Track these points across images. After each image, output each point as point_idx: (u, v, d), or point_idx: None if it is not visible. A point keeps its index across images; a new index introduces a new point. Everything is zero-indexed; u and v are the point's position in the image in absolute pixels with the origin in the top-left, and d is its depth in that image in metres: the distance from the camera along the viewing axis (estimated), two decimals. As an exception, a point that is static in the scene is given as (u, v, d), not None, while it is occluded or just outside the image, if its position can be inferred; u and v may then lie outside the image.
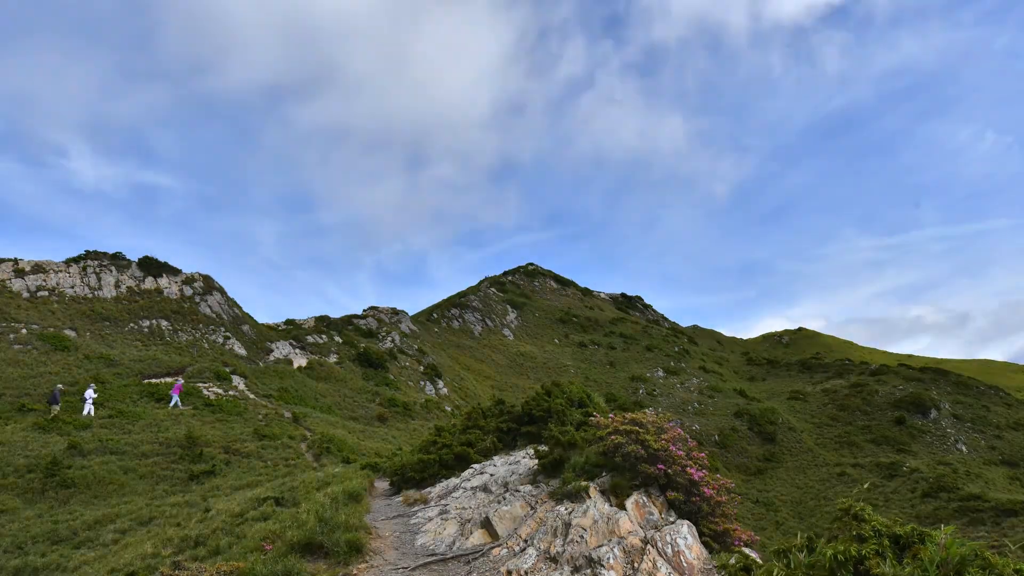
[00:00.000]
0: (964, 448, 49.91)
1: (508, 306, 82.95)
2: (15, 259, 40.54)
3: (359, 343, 53.17)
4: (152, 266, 45.76)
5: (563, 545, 7.66)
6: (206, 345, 41.18)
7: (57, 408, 25.80)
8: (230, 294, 49.23)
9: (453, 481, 12.48)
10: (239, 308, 49.05)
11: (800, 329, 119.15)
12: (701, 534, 8.11)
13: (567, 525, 8.07)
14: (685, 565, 7.17)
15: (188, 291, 45.59)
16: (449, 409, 46.30)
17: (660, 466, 8.90)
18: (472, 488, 11.26)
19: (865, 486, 7.42)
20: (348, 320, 59.75)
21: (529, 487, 10.05)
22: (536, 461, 11.00)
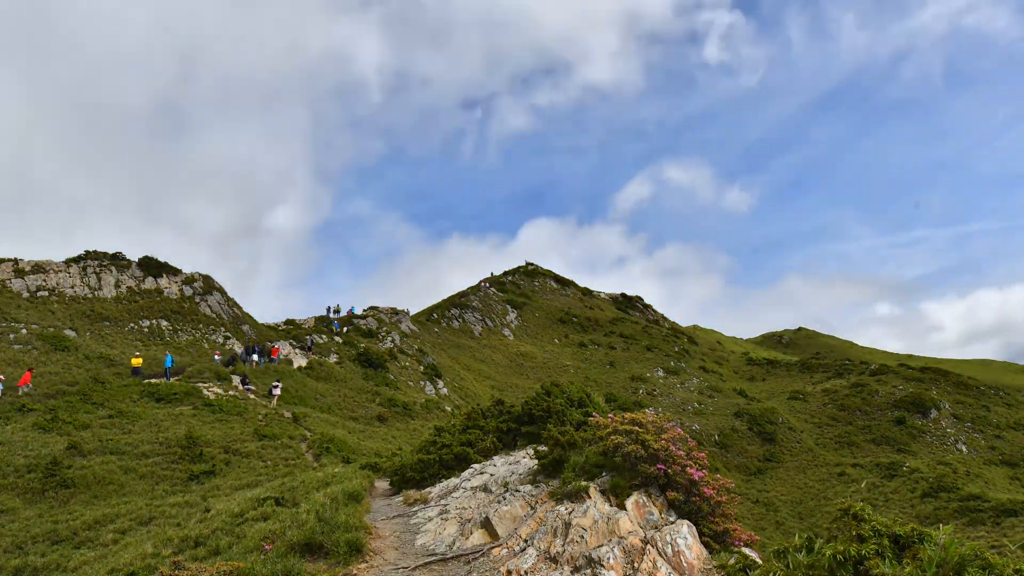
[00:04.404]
0: (964, 448, 49.90)
1: (508, 306, 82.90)
2: (15, 259, 40.54)
3: (359, 343, 53.18)
4: (152, 266, 45.77)
5: (563, 545, 7.67)
6: (206, 345, 41.19)
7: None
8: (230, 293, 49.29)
9: (453, 481, 12.48)
10: (239, 308, 49.08)
11: (800, 329, 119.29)
12: (701, 534, 8.12)
13: (567, 525, 8.07)
14: (685, 565, 7.18)
15: (188, 291, 45.60)
16: (449, 409, 46.27)
17: (660, 466, 8.91)
18: (472, 488, 11.26)
19: (863, 485, 7.43)
20: (348, 320, 59.71)
21: (529, 487, 10.05)
22: (536, 461, 11.00)
